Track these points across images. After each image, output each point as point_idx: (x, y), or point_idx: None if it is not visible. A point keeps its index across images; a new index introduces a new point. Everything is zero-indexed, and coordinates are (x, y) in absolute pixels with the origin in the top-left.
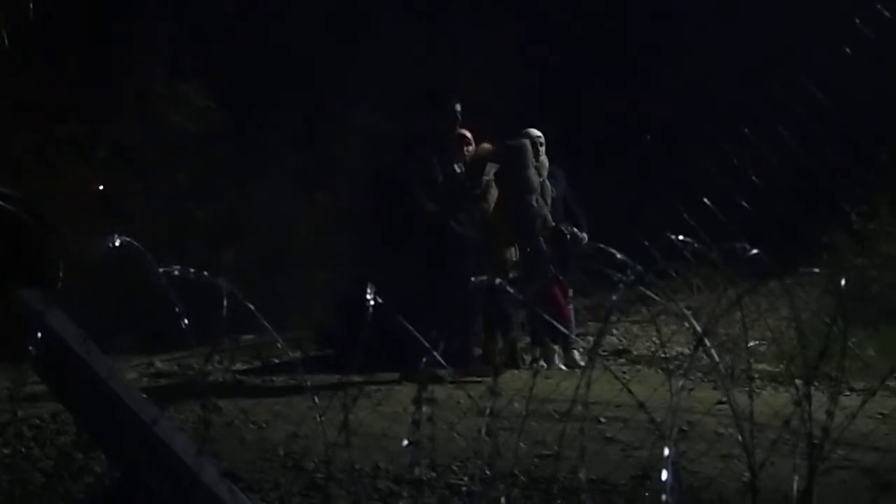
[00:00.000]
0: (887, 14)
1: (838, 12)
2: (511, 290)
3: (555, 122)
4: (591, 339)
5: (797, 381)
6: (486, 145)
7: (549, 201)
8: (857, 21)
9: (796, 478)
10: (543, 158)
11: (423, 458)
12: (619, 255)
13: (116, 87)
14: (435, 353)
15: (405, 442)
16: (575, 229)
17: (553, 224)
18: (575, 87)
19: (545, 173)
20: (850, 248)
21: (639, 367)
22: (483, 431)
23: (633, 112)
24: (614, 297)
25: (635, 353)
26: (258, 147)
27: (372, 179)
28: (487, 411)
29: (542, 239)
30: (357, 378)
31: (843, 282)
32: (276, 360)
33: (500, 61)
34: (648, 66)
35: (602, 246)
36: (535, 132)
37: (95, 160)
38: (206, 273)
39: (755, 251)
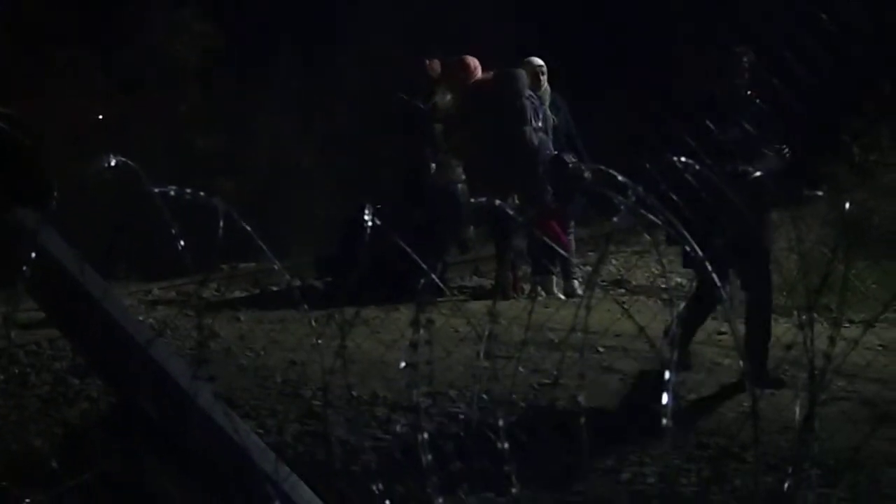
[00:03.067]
0: None
1: None
2: (512, 213)
3: (553, 46)
4: (590, 268)
5: (797, 310)
6: (488, 74)
7: (550, 131)
8: None
9: (797, 407)
10: (546, 87)
11: (420, 383)
12: (619, 177)
13: (116, 14)
14: (433, 276)
15: (402, 364)
16: (575, 159)
17: (555, 153)
18: (573, 11)
19: (547, 102)
20: (850, 180)
21: (638, 297)
22: (481, 356)
23: (634, 34)
24: (615, 219)
25: (634, 283)
26: (258, 75)
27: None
28: (485, 335)
29: (540, 169)
30: (355, 305)
31: (846, 205)
32: (275, 288)
33: None
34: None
35: (602, 168)
36: (537, 60)
37: (94, 87)
38: (202, 193)
39: (758, 173)
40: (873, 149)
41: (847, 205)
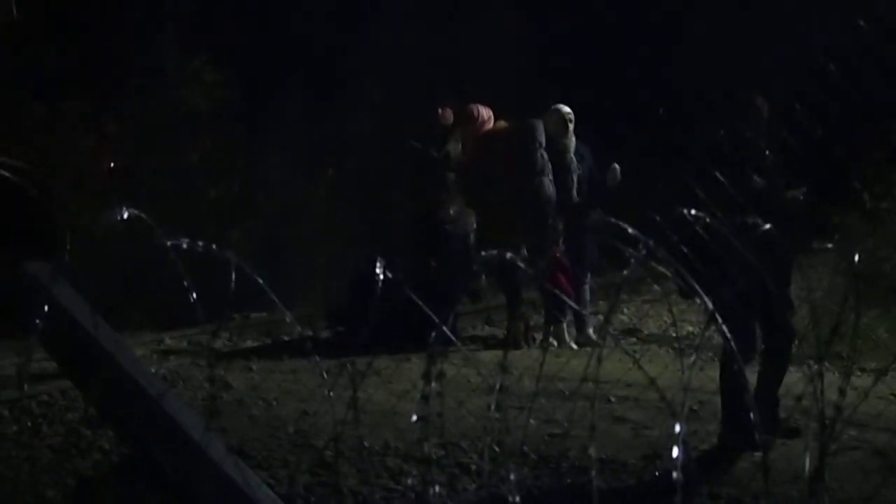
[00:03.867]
0: None
1: None
2: (522, 265)
3: (570, 96)
4: (601, 317)
5: (808, 361)
6: (502, 123)
7: (574, 180)
8: None
9: (808, 457)
10: (571, 136)
11: (432, 435)
12: (630, 230)
13: (127, 63)
14: (444, 329)
15: (414, 417)
16: (597, 208)
17: (577, 201)
18: (588, 61)
19: (571, 150)
20: (861, 228)
21: (649, 346)
22: (493, 407)
23: (645, 86)
24: (625, 272)
25: (646, 332)
26: (269, 123)
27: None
28: (497, 386)
29: (551, 221)
30: (367, 355)
31: (856, 257)
32: (287, 338)
33: (512, 36)
34: (662, 42)
35: (613, 220)
36: (565, 108)
37: (105, 136)
38: (214, 246)
39: (767, 226)
40: (884, 196)
41: (857, 256)
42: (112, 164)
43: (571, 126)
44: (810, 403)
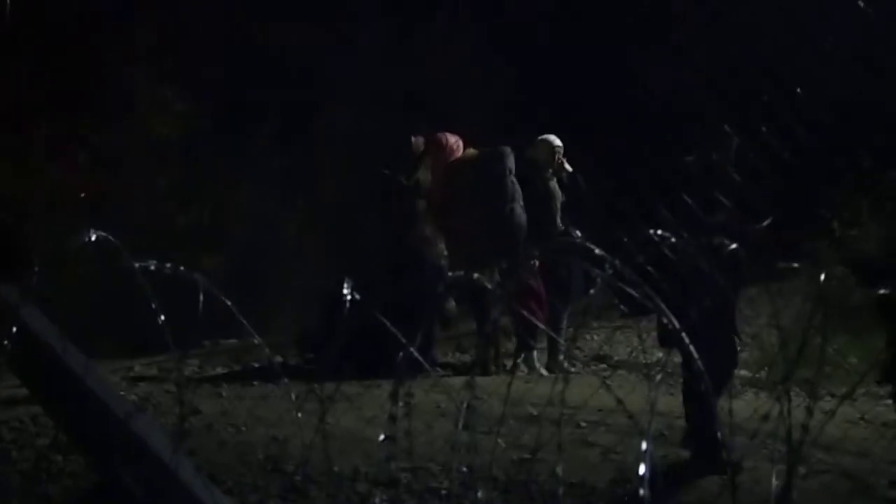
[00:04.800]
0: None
1: (828, 20)
2: (490, 287)
3: (539, 121)
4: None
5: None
6: (472, 150)
7: (559, 208)
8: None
9: (775, 476)
10: (557, 166)
11: (399, 455)
12: (597, 251)
13: (96, 91)
14: (412, 350)
15: (381, 436)
16: (580, 234)
17: (562, 229)
18: (557, 87)
19: (554, 179)
20: (831, 255)
21: (619, 371)
22: (460, 426)
23: (616, 109)
24: (591, 291)
25: (616, 357)
26: (239, 151)
27: None
28: (464, 404)
29: (522, 247)
30: (336, 381)
31: (822, 276)
32: (257, 364)
33: (482, 63)
34: (635, 63)
35: (579, 240)
36: (554, 139)
37: (74, 164)
38: (182, 268)
39: (734, 245)
40: (853, 224)
41: (822, 276)
42: (82, 193)
43: (559, 157)
44: (776, 424)
